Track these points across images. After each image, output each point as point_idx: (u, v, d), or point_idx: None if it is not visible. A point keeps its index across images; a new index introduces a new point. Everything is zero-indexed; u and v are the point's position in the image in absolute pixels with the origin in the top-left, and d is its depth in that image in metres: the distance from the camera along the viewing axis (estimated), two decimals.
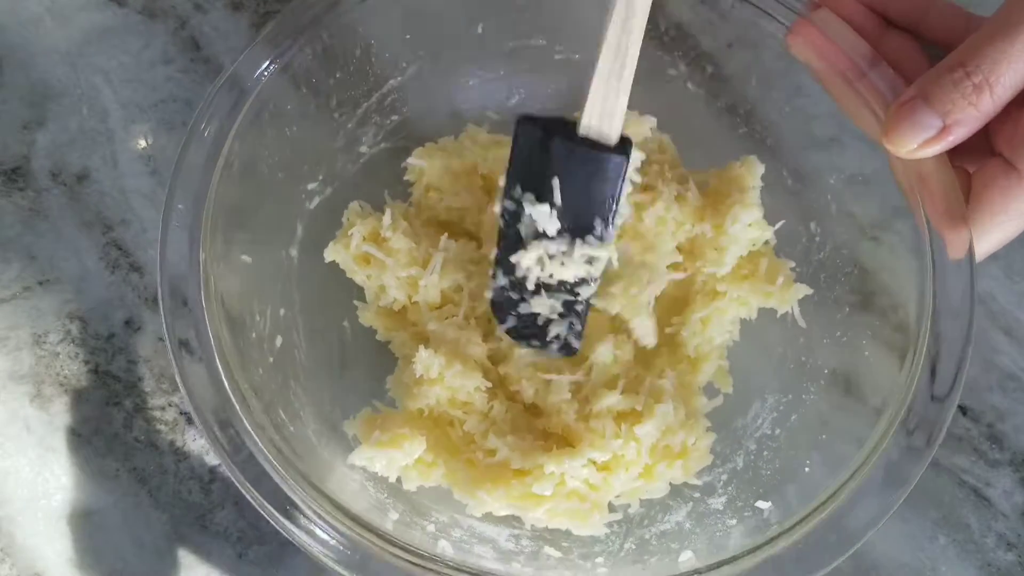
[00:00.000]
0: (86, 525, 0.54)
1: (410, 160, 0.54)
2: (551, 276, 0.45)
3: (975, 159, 0.43)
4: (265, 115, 0.48)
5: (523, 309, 0.47)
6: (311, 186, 0.53)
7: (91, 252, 0.59)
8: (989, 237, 0.42)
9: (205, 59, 0.64)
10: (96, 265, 0.59)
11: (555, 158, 0.42)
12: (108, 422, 0.56)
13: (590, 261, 0.44)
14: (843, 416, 0.48)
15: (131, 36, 0.64)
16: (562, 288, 0.46)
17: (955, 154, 0.42)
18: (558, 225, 0.43)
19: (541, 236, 0.43)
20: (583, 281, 0.45)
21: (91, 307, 0.58)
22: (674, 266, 0.53)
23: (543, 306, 0.47)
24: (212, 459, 0.56)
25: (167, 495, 0.54)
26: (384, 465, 0.47)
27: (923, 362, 0.42)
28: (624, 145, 0.42)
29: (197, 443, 0.56)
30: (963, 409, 0.56)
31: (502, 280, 0.46)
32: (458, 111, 0.58)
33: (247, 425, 0.42)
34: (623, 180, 0.42)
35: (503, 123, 0.58)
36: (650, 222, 0.52)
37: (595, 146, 0.41)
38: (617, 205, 0.43)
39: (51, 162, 0.61)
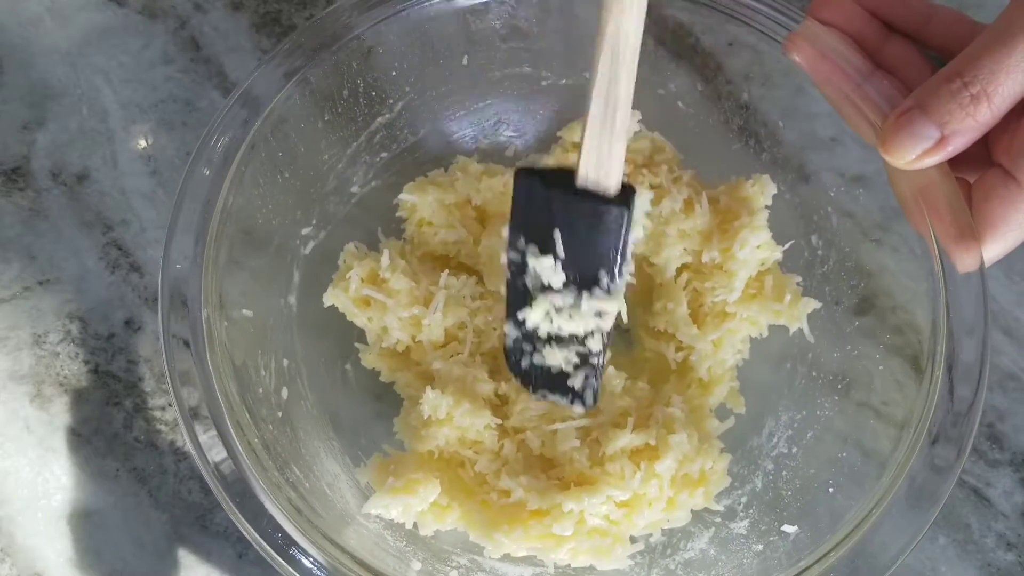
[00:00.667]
0: (86, 525, 0.54)
1: (402, 196, 0.53)
2: (560, 328, 0.44)
3: (974, 169, 0.42)
4: (256, 164, 0.48)
5: (537, 360, 0.45)
6: (305, 231, 0.53)
7: (91, 252, 0.59)
8: (990, 248, 0.41)
9: (205, 59, 0.64)
10: (96, 265, 0.59)
11: (555, 210, 0.40)
12: (108, 422, 0.56)
13: (599, 315, 0.43)
14: (861, 433, 0.47)
15: (131, 36, 0.64)
16: (573, 340, 0.44)
17: (954, 164, 0.41)
18: (563, 278, 0.42)
19: (547, 289, 0.42)
20: (593, 334, 0.44)
21: (91, 307, 0.58)
22: (683, 267, 0.53)
23: (556, 358, 0.45)
24: (212, 458, 0.55)
25: (167, 495, 0.54)
26: (400, 512, 0.46)
27: (941, 377, 0.41)
28: (626, 194, 0.40)
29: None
30: None
31: (513, 333, 0.45)
32: (447, 143, 0.57)
33: (264, 487, 0.41)
34: (626, 231, 0.40)
35: (493, 152, 0.58)
36: (657, 221, 0.51)
37: (594, 197, 0.39)
38: (623, 257, 0.41)
39: (51, 162, 0.61)
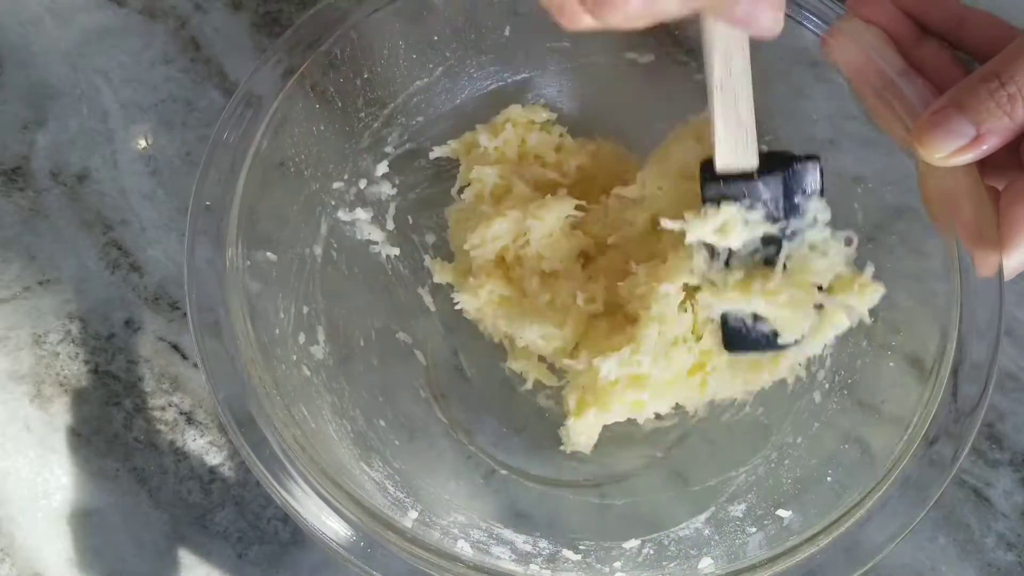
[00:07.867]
0: (86, 525, 0.54)
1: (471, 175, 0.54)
2: None
3: (1003, 176, 0.42)
4: (293, 113, 0.48)
5: None
6: (336, 185, 0.53)
7: (91, 252, 0.59)
8: (1016, 255, 0.41)
9: (205, 59, 0.64)
10: (96, 265, 0.59)
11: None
12: (108, 422, 0.56)
13: None
14: (863, 427, 0.48)
15: (131, 36, 0.64)
16: None
17: (983, 171, 0.41)
18: None
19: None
20: None
21: (91, 307, 0.58)
22: None
23: None
24: (212, 459, 0.56)
25: (167, 495, 0.55)
26: (478, 304, 0.51)
27: (947, 376, 0.41)
28: (771, 161, 0.42)
29: (197, 443, 0.56)
30: None
31: None
32: (483, 111, 0.57)
33: (270, 420, 0.41)
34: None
35: None
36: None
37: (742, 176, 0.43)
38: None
39: (51, 162, 0.61)
